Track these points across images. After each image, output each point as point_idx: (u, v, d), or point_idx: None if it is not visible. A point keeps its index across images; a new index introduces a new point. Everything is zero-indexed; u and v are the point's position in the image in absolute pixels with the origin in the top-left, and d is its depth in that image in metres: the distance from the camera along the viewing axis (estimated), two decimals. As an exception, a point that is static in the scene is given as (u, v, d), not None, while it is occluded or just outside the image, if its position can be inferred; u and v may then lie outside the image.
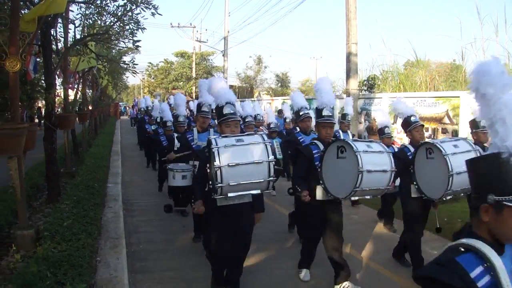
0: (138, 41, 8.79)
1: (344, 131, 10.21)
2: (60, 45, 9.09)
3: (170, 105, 19.67)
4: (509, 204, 1.87)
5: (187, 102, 30.37)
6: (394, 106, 7.00)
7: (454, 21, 60.99)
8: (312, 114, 7.87)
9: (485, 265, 1.86)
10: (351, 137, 9.99)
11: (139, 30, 8.66)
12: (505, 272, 1.81)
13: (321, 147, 5.54)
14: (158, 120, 14.03)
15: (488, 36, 23.65)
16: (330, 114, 5.65)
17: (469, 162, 2.14)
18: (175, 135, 9.18)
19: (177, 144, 8.25)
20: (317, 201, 5.36)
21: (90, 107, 16.21)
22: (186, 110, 15.46)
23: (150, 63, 57.62)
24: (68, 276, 4.39)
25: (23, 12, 6.15)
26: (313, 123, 7.19)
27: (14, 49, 5.45)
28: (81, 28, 9.35)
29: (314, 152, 5.57)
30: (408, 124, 6.45)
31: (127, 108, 66.00)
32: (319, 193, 5.30)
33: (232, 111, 4.88)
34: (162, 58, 77.32)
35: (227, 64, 34.64)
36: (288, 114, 13.17)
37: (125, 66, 9.83)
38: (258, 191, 4.48)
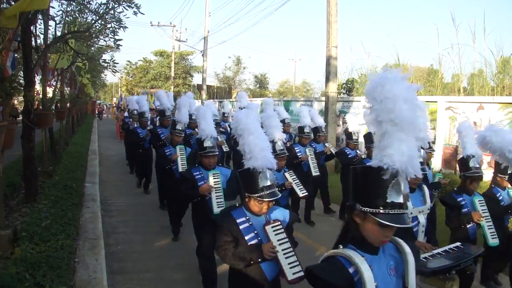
0: (120, 39, 8.72)
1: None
2: (39, 41, 8.94)
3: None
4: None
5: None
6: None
7: (431, 27, 61.86)
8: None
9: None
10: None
11: (121, 28, 8.59)
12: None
13: None
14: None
15: (465, 42, 24.02)
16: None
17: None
18: None
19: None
20: None
21: (68, 105, 15.96)
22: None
23: (128, 61, 57.24)
24: (47, 278, 4.35)
25: (3, 7, 6.01)
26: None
27: (-7, 45, 5.35)
28: (61, 25, 9.23)
29: None
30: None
31: (111, 108, 62.92)
32: None
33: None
34: (141, 57, 76.83)
35: (206, 64, 34.55)
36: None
37: (105, 64, 9.74)
38: None
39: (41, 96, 9.28)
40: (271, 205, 3.55)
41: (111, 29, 8.64)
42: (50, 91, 11.47)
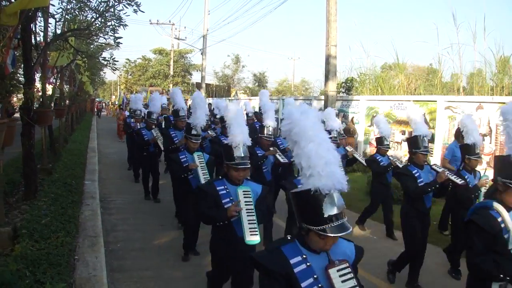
0: (120, 37, 8.69)
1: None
2: (39, 39, 8.93)
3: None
4: None
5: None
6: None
7: (431, 27, 61.80)
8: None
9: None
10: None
11: (121, 26, 8.57)
12: None
13: None
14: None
15: (465, 42, 24.02)
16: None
17: None
18: None
19: None
20: None
21: (67, 103, 15.92)
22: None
23: (127, 59, 57.12)
24: (47, 275, 4.36)
25: (4, 4, 6.01)
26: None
27: (-6, 43, 5.36)
28: (61, 23, 9.21)
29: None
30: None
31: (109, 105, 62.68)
32: None
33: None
34: (140, 55, 76.50)
35: (205, 62, 34.50)
36: None
37: (105, 62, 9.71)
38: None
39: (40, 93, 9.26)
40: (336, 240, 2.62)
41: (111, 27, 8.60)
42: (49, 89, 11.44)
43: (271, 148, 7.74)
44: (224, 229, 4.36)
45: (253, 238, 4.19)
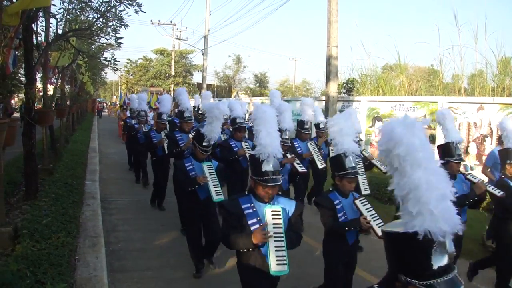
0: (121, 38, 8.69)
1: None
2: (40, 39, 8.94)
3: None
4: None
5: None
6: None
7: (432, 28, 61.81)
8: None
9: None
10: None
11: (122, 27, 8.57)
12: None
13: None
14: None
15: (466, 43, 23.99)
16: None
17: None
18: None
19: None
20: None
21: (68, 103, 15.93)
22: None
23: (129, 59, 57.16)
24: (48, 275, 4.36)
25: (6, 4, 6.01)
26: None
27: (-5, 43, 5.36)
28: (63, 23, 9.23)
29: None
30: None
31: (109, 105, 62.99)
32: None
33: None
34: (141, 55, 76.42)
35: (206, 63, 34.48)
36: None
37: (106, 62, 9.70)
38: None
39: (42, 93, 9.26)
40: None
41: (112, 27, 8.60)
42: (50, 89, 11.46)
43: (288, 155, 7.16)
44: (249, 253, 3.76)
45: (279, 268, 3.61)
